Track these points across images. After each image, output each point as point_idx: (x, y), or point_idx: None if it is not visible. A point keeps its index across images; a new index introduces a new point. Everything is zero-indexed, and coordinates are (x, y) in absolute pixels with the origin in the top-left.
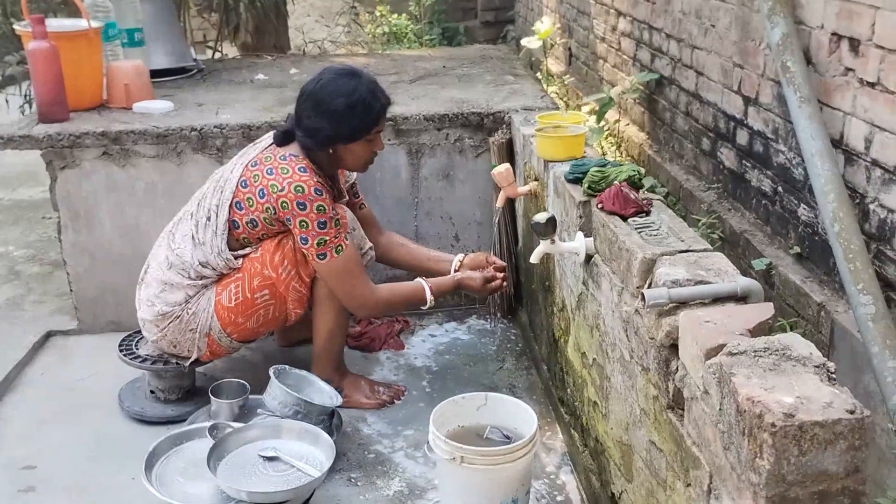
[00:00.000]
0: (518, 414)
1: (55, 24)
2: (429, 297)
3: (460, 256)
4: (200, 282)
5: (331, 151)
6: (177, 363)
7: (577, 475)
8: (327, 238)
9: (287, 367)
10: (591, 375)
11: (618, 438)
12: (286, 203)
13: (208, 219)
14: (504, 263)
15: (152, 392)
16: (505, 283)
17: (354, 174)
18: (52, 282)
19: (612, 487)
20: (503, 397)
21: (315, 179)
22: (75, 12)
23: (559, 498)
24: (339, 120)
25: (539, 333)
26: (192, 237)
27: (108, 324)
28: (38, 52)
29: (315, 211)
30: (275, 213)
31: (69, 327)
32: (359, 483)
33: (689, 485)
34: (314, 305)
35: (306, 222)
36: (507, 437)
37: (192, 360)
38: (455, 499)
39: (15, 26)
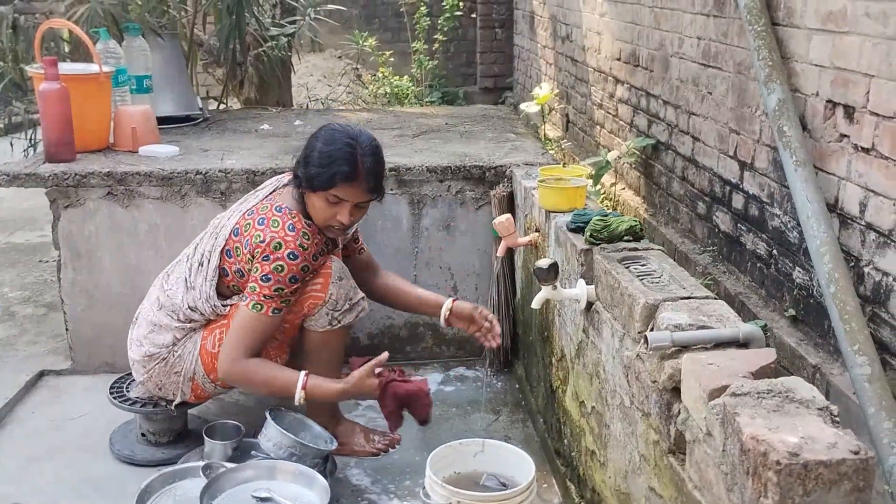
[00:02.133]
0: (515, 462)
1: (67, 67)
2: (298, 395)
3: (448, 304)
4: (188, 325)
5: (301, 191)
6: (165, 405)
7: None
8: (258, 288)
9: (283, 408)
10: (589, 424)
11: (616, 487)
12: (259, 252)
13: (201, 264)
14: (492, 316)
15: (143, 435)
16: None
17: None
18: (47, 323)
19: None
20: (501, 444)
21: (297, 242)
22: (87, 58)
23: None
24: (308, 161)
25: (536, 385)
26: (185, 280)
27: (102, 364)
28: (49, 93)
29: (272, 269)
30: (251, 262)
31: (63, 367)
32: None
33: None
34: (306, 357)
35: (258, 269)
36: (504, 485)
37: (177, 402)
38: None
39: (27, 68)
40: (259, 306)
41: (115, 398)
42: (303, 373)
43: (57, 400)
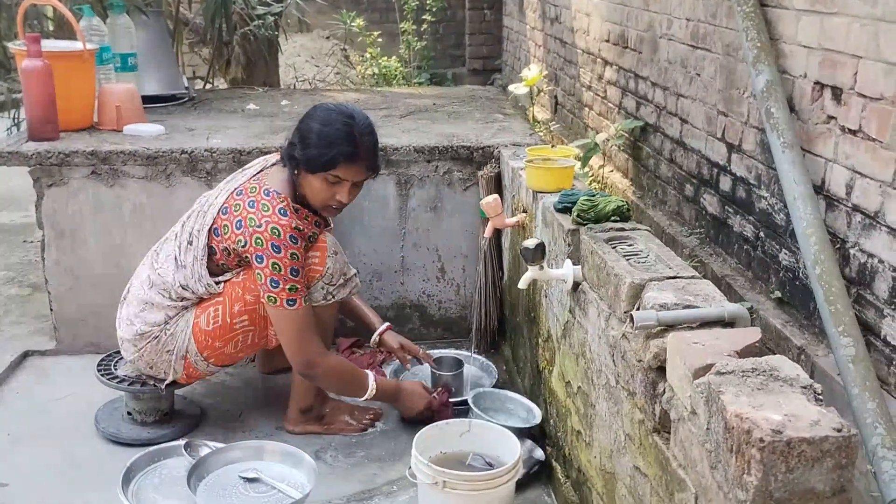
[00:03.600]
0: (501, 441)
1: (50, 44)
2: (370, 390)
3: (382, 328)
4: (181, 303)
5: (295, 172)
6: (154, 385)
7: None
8: (298, 286)
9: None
10: (574, 404)
11: (601, 467)
12: (261, 240)
13: (189, 243)
14: (417, 350)
15: (129, 413)
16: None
17: None
18: (32, 304)
19: None
20: (487, 424)
21: (293, 225)
22: (71, 35)
23: None
24: (305, 142)
25: (522, 366)
26: (175, 258)
27: (87, 345)
28: (32, 71)
29: (289, 258)
30: (244, 246)
31: (47, 347)
32: None
33: None
34: None
35: (279, 266)
36: (490, 465)
37: (168, 382)
38: None
39: (10, 45)
40: (307, 298)
41: (102, 376)
42: (370, 372)
43: (42, 380)
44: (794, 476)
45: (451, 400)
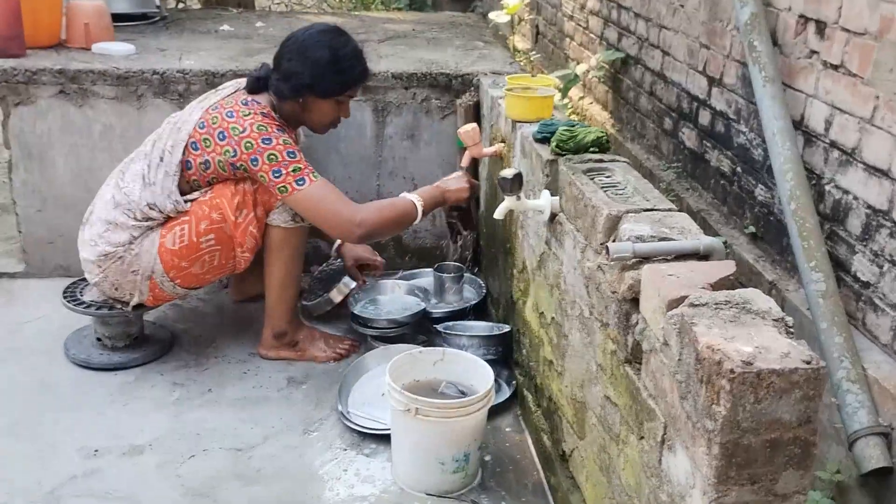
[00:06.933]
0: (474, 370)
1: None
2: (419, 210)
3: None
4: (146, 223)
5: (300, 101)
6: (121, 308)
7: (529, 435)
8: (301, 165)
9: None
10: (548, 335)
11: (572, 396)
12: (250, 143)
13: (161, 159)
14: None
15: (99, 339)
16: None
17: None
18: (0, 225)
19: (563, 445)
20: (460, 353)
21: (276, 123)
22: None
23: (511, 456)
24: (320, 71)
25: (497, 297)
26: (143, 177)
27: (56, 268)
28: None
29: (282, 143)
30: (235, 156)
31: (16, 270)
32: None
33: (642, 437)
34: (265, 255)
35: (275, 155)
36: (463, 393)
37: (134, 304)
38: (407, 451)
39: None
40: (315, 173)
41: (69, 301)
42: (408, 195)
43: (10, 303)
44: (762, 406)
45: (449, 310)
